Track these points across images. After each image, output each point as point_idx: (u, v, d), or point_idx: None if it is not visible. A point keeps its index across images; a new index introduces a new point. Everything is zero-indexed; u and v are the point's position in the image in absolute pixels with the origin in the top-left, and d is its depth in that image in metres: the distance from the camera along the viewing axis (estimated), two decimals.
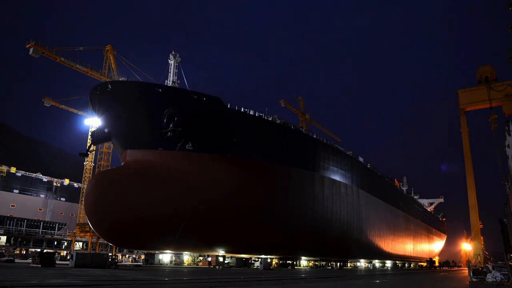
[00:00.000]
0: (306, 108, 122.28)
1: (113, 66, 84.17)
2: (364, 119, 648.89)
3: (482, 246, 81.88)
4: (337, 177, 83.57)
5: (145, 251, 69.34)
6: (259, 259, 74.80)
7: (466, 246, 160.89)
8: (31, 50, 76.41)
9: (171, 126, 54.43)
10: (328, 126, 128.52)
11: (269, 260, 74.72)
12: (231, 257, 73.59)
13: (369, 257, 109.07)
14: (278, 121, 69.98)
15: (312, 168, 76.37)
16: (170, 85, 66.46)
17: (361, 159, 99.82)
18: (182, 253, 71.56)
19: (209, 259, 73.24)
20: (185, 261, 74.79)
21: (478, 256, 63.37)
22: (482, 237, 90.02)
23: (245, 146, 63.31)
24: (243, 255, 72.11)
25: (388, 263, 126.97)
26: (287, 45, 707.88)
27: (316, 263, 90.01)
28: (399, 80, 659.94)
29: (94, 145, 65.69)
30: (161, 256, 72.21)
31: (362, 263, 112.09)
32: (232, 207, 59.02)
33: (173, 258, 73.15)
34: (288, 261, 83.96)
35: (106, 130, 61.03)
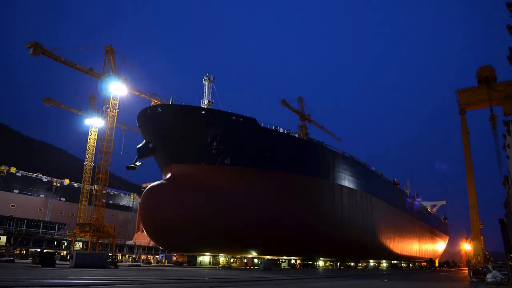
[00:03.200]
0: (307, 108, 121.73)
1: (113, 66, 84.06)
2: (364, 120, 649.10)
3: (482, 246, 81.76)
4: (353, 186, 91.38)
5: (190, 254, 78.16)
6: (286, 260, 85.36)
7: (466, 246, 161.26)
8: (31, 50, 76.19)
9: (214, 144, 62.77)
10: (328, 126, 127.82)
11: (293, 261, 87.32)
12: (262, 258, 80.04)
13: (379, 257, 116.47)
14: (303, 137, 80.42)
15: (333, 178, 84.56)
16: (205, 103, 77.42)
17: (373, 168, 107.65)
18: (219, 255, 77.87)
19: (245, 260, 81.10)
20: (220, 262, 79.55)
21: (478, 256, 63.30)
22: (482, 237, 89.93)
23: (276, 160, 71.37)
24: (272, 257, 79.53)
25: (394, 263, 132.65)
26: (288, 45, 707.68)
27: (332, 263, 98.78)
28: (399, 80, 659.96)
29: (140, 159, 74.21)
30: (201, 258, 77.97)
31: (371, 263, 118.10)
32: (263, 214, 66.39)
33: (211, 259, 78.49)
34: (309, 262, 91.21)
35: (150, 146, 69.42)
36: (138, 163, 73.00)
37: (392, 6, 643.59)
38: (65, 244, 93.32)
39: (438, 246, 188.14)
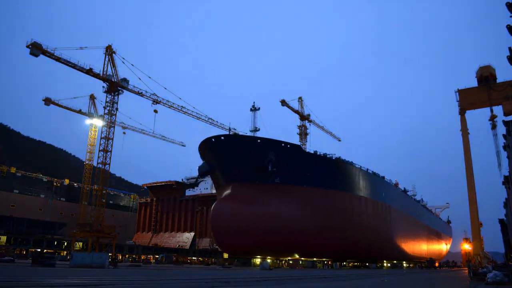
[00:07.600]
0: (307, 108, 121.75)
1: (113, 66, 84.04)
2: (364, 120, 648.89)
3: (482, 246, 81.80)
4: (374, 197, 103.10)
5: (245, 257, 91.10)
6: (321, 262, 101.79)
7: (467, 246, 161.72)
8: (30, 50, 76.17)
9: (270, 167, 77.00)
10: (328, 126, 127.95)
11: (314, 262, 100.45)
12: (302, 260, 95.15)
13: (394, 259, 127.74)
14: (333, 157, 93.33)
15: (359, 191, 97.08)
16: (253, 129, 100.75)
17: (388, 179, 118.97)
18: (266, 257, 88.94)
19: (291, 262, 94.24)
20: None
21: (478, 256, 63.26)
22: (482, 237, 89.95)
23: (315, 178, 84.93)
24: (307, 259, 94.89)
25: (395, 264, 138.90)
26: (288, 45, 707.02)
27: (355, 264, 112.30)
28: (399, 80, 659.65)
29: (200, 177, 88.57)
30: (253, 260, 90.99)
31: (385, 264, 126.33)
32: (305, 223, 79.75)
33: (262, 261, 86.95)
34: (338, 262, 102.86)
35: (209, 167, 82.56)
36: (199, 180, 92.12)
37: (392, 5, 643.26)
38: (65, 244, 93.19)
39: (443, 247, 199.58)
